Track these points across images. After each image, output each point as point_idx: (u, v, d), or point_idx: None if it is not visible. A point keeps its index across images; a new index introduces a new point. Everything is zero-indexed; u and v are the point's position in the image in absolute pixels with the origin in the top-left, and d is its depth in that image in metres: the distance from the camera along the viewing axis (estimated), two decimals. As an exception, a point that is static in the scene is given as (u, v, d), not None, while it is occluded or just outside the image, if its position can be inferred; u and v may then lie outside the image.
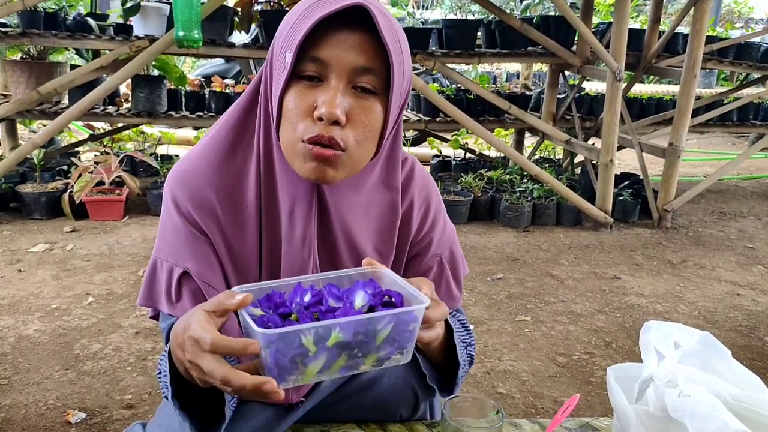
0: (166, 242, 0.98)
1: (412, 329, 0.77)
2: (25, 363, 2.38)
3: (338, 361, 0.75)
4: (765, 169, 7.00)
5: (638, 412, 0.90)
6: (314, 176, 0.86)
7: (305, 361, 0.72)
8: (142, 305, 1.01)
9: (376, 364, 0.78)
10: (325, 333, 0.71)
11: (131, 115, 4.49)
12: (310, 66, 0.83)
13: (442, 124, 5.03)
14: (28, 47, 4.70)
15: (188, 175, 0.96)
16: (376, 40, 0.82)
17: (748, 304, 3.24)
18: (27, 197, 4.04)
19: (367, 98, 0.86)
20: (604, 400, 2.29)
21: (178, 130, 6.25)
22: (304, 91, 0.85)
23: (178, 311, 0.96)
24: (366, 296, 0.78)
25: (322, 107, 0.82)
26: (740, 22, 12.08)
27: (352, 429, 1.08)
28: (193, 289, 0.96)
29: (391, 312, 0.74)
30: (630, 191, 4.68)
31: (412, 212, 1.05)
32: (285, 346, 0.70)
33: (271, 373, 0.72)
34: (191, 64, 9.93)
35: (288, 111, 0.86)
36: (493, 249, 3.92)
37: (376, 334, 0.74)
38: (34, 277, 3.17)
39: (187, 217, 0.96)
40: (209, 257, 0.96)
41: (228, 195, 0.95)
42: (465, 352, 1.04)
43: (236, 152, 0.96)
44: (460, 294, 1.15)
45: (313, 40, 0.82)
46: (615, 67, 4.04)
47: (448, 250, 1.11)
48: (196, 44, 3.35)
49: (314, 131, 0.83)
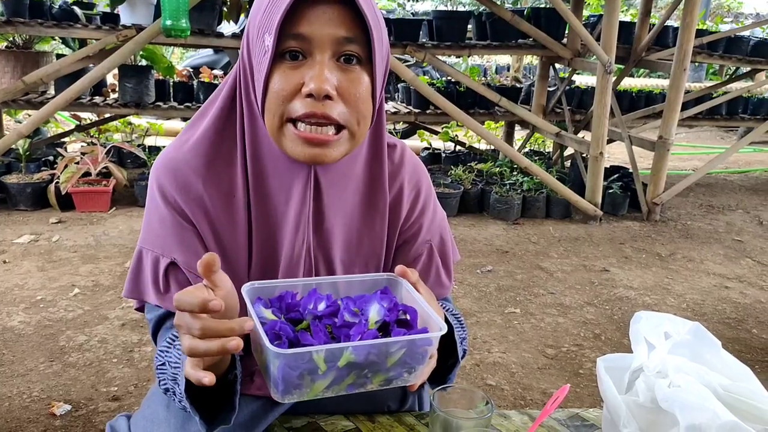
0: (152, 232, 0.95)
1: (424, 352, 0.77)
2: (9, 355, 2.35)
3: (346, 380, 0.74)
4: (753, 163, 7.05)
5: (628, 402, 0.90)
6: (310, 159, 0.85)
7: (314, 377, 0.71)
8: (128, 297, 0.99)
9: (383, 383, 0.77)
10: (338, 353, 0.71)
11: (118, 106, 4.44)
12: (291, 43, 0.82)
13: (432, 116, 5.01)
14: (13, 36, 4.64)
15: (175, 163, 0.94)
16: (351, 10, 0.82)
17: (736, 297, 3.26)
18: (12, 188, 3.99)
19: (353, 69, 0.84)
20: (593, 392, 2.30)
21: (166, 122, 6.20)
22: (287, 71, 0.83)
23: (166, 303, 0.94)
24: (381, 310, 0.77)
25: (310, 83, 0.81)
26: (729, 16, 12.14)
27: (340, 420, 1.07)
28: (180, 280, 0.94)
29: (407, 338, 0.74)
30: (619, 184, 4.69)
31: (402, 197, 1.03)
32: (295, 362, 0.70)
33: (276, 387, 0.72)
34: (180, 55, 9.86)
35: (274, 93, 0.84)
36: (483, 241, 3.91)
37: (389, 356, 0.74)
38: (19, 269, 3.13)
39: (174, 206, 0.93)
40: (196, 247, 0.94)
41: (215, 183, 0.93)
42: (461, 347, 1.03)
43: (222, 140, 0.94)
44: (450, 282, 1.13)
45: (290, 19, 0.80)
46: (605, 59, 4.04)
47: (438, 237, 1.09)
48: (184, 34, 3.31)
49: (306, 108, 0.82)
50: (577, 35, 4.48)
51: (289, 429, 1.05)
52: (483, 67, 10.12)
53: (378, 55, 0.85)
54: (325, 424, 1.06)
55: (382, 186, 1.00)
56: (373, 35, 0.82)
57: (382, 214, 1.01)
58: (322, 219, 0.96)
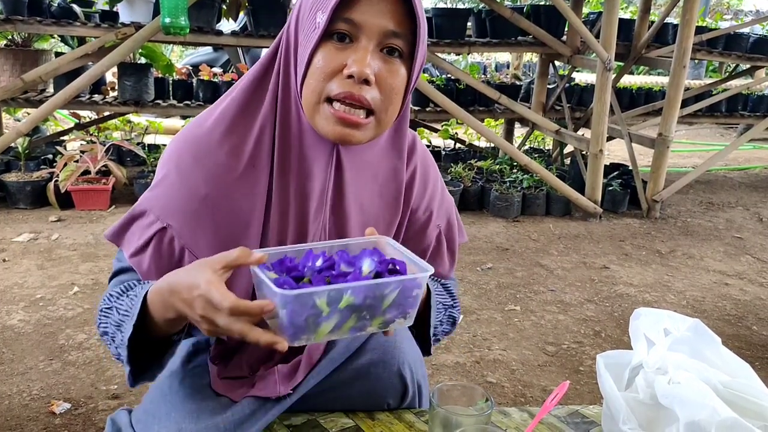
0: (157, 195, 0.96)
1: (416, 295, 0.82)
2: (9, 353, 2.35)
3: (348, 322, 0.79)
4: (753, 160, 7.05)
5: (628, 399, 0.89)
6: (339, 138, 0.88)
7: (318, 321, 0.77)
8: (108, 239, 1.00)
9: (381, 326, 0.83)
10: (338, 295, 0.76)
11: (117, 104, 4.44)
12: (342, 26, 0.85)
13: (432, 114, 5.01)
14: (12, 34, 4.64)
15: (198, 137, 0.95)
16: (404, 6, 0.85)
17: (736, 294, 3.26)
18: (11, 186, 3.99)
19: (393, 61, 0.88)
20: (593, 389, 2.30)
21: (165, 120, 6.19)
22: (333, 51, 0.86)
23: (136, 261, 0.96)
24: (373, 263, 0.82)
25: (353, 65, 0.84)
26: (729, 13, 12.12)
27: (340, 417, 1.07)
28: (160, 247, 0.95)
29: (398, 279, 0.79)
30: (619, 181, 4.69)
31: (414, 181, 1.06)
32: (300, 306, 0.75)
33: (286, 332, 0.76)
34: (179, 54, 9.85)
35: (316, 69, 0.87)
36: (483, 239, 3.91)
37: (384, 298, 0.79)
38: (19, 267, 3.13)
39: (185, 175, 0.94)
40: (199, 218, 0.94)
41: (238, 154, 0.94)
42: (445, 313, 1.06)
43: (248, 113, 0.95)
44: (453, 267, 1.17)
45: (346, 3, 0.84)
46: (605, 56, 4.04)
47: (445, 221, 1.14)
48: (183, 31, 3.31)
49: (344, 88, 0.85)
50: (576, 32, 4.47)
51: (289, 426, 1.05)
52: (483, 65, 10.11)
53: (420, 53, 0.89)
54: (324, 421, 1.06)
55: (398, 175, 1.03)
56: (420, 34, 0.86)
57: (397, 202, 1.04)
58: (341, 199, 0.99)
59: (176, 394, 1.00)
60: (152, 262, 0.95)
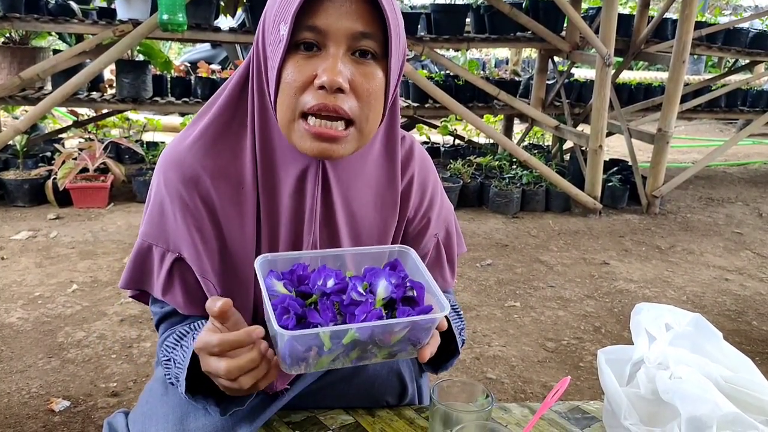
0: (156, 226, 0.94)
1: (428, 329, 0.79)
2: (8, 351, 2.34)
3: (351, 355, 0.77)
4: (752, 155, 7.04)
5: (629, 394, 0.89)
6: (318, 154, 0.84)
7: (320, 352, 0.74)
8: (125, 288, 0.99)
9: (387, 357, 0.80)
10: (342, 333, 0.73)
11: (116, 101, 4.42)
12: (306, 35, 0.81)
13: (431, 110, 5.00)
14: (10, 32, 4.62)
15: (181, 157, 0.93)
16: (369, 4, 0.80)
17: (736, 289, 3.25)
18: (10, 184, 3.98)
19: (367, 64, 0.83)
20: (593, 385, 2.29)
21: (163, 117, 6.18)
22: (301, 62, 0.82)
23: (169, 297, 0.95)
24: (389, 287, 0.79)
25: (323, 75, 0.80)
26: (728, 8, 12.10)
27: (339, 414, 1.06)
28: (185, 275, 0.94)
29: (409, 320, 0.76)
30: (619, 177, 4.68)
31: (411, 189, 1.03)
32: (300, 343, 0.73)
33: (284, 360, 0.74)
34: (177, 51, 9.83)
35: (286, 84, 0.83)
36: (483, 235, 3.91)
37: (393, 335, 0.76)
38: (17, 265, 3.12)
39: (180, 200, 0.92)
40: (202, 243, 0.93)
41: (223, 176, 0.92)
42: (459, 338, 1.02)
43: (229, 132, 0.92)
44: (453, 278, 1.14)
45: (308, 10, 0.79)
46: (604, 52, 4.03)
47: (444, 230, 1.10)
48: (181, 28, 3.30)
49: (317, 100, 0.81)
50: (575, 28, 4.46)
51: (288, 423, 1.04)
52: (482, 61, 10.09)
53: (394, 52, 0.84)
54: (324, 418, 1.05)
55: (394, 182, 0.99)
56: (391, 32, 0.81)
57: (393, 211, 1.01)
58: (331, 213, 0.95)
59: (173, 395, 0.99)
60: (184, 295, 0.95)
